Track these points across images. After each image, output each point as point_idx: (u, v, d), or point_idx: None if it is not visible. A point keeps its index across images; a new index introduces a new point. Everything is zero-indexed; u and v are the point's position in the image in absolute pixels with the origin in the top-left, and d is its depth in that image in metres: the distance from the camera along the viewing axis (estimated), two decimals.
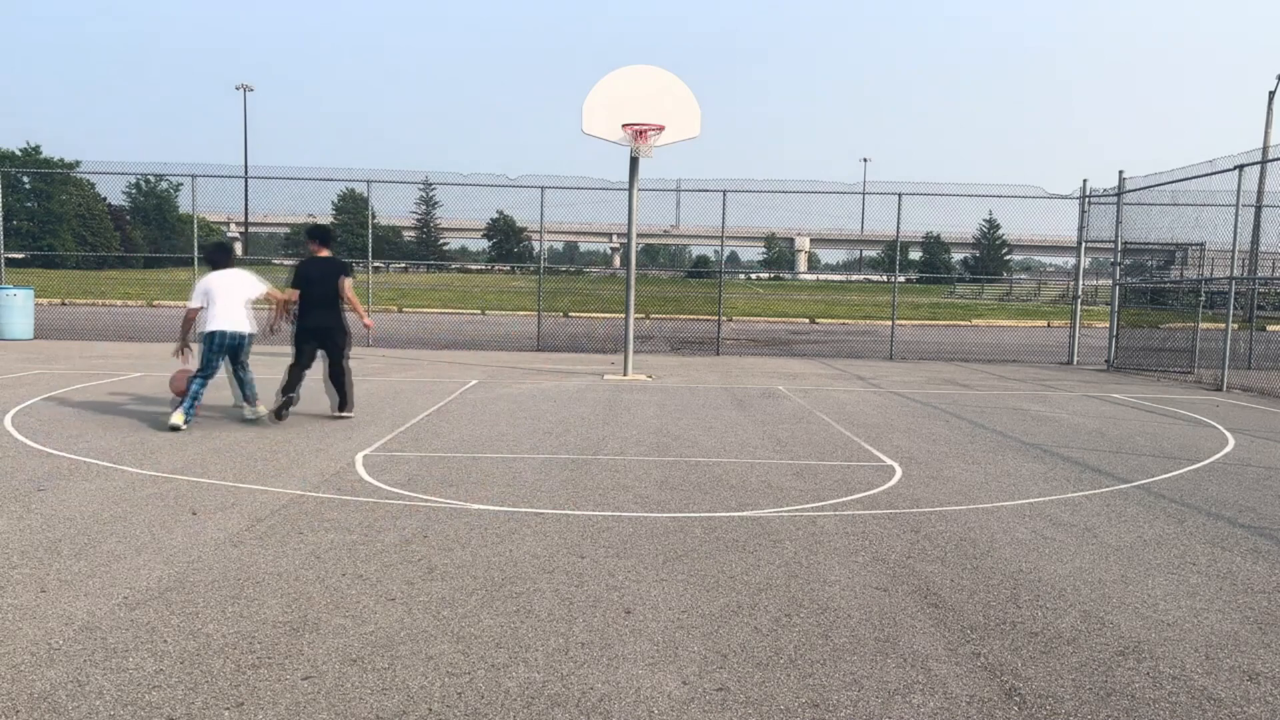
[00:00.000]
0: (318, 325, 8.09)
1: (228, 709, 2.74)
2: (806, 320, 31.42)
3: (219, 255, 7.96)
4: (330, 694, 2.85)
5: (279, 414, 7.97)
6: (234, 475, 5.77)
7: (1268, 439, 8.34)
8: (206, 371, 7.69)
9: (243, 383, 8.05)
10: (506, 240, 71.89)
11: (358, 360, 13.72)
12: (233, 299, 7.72)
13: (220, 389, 8.75)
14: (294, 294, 8.17)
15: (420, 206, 74.82)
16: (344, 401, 8.25)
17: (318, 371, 8.17)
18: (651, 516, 5.03)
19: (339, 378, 8.23)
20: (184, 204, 64.13)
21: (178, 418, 7.36)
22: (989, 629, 3.51)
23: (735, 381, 12.07)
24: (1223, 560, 4.49)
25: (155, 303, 30.80)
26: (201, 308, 7.70)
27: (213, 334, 7.66)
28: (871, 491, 5.76)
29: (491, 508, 5.12)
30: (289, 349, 8.19)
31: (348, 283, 8.16)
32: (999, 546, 4.62)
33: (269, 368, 9.22)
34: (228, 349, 7.78)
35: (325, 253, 8.34)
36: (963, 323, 32.00)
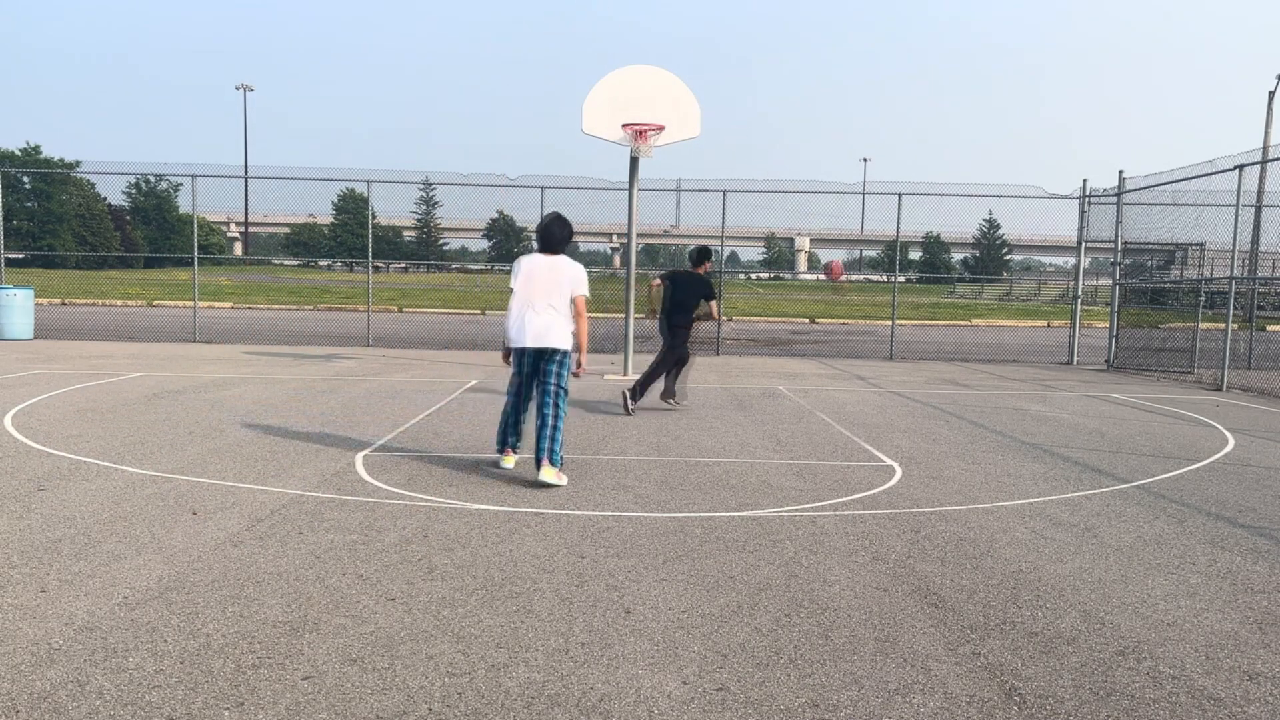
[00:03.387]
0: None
1: (228, 709, 2.74)
2: (806, 320, 31.42)
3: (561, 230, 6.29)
4: (330, 694, 2.85)
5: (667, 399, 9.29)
6: (234, 475, 5.77)
7: (1268, 439, 8.34)
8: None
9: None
10: (506, 240, 71.93)
11: (358, 360, 13.72)
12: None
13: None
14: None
15: (420, 206, 74.92)
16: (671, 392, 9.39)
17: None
18: (651, 516, 5.03)
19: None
20: (184, 204, 64.27)
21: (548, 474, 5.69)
22: (989, 629, 3.51)
23: (735, 381, 12.07)
24: (1223, 560, 4.49)
25: (155, 303, 30.80)
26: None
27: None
28: (871, 491, 5.76)
29: (491, 508, 5.12)
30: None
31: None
32: (999, 546, 4.62)
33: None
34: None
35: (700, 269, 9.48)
36: (963, 323, 32.00)
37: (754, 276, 72.15)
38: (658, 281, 9.54)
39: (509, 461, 6.21)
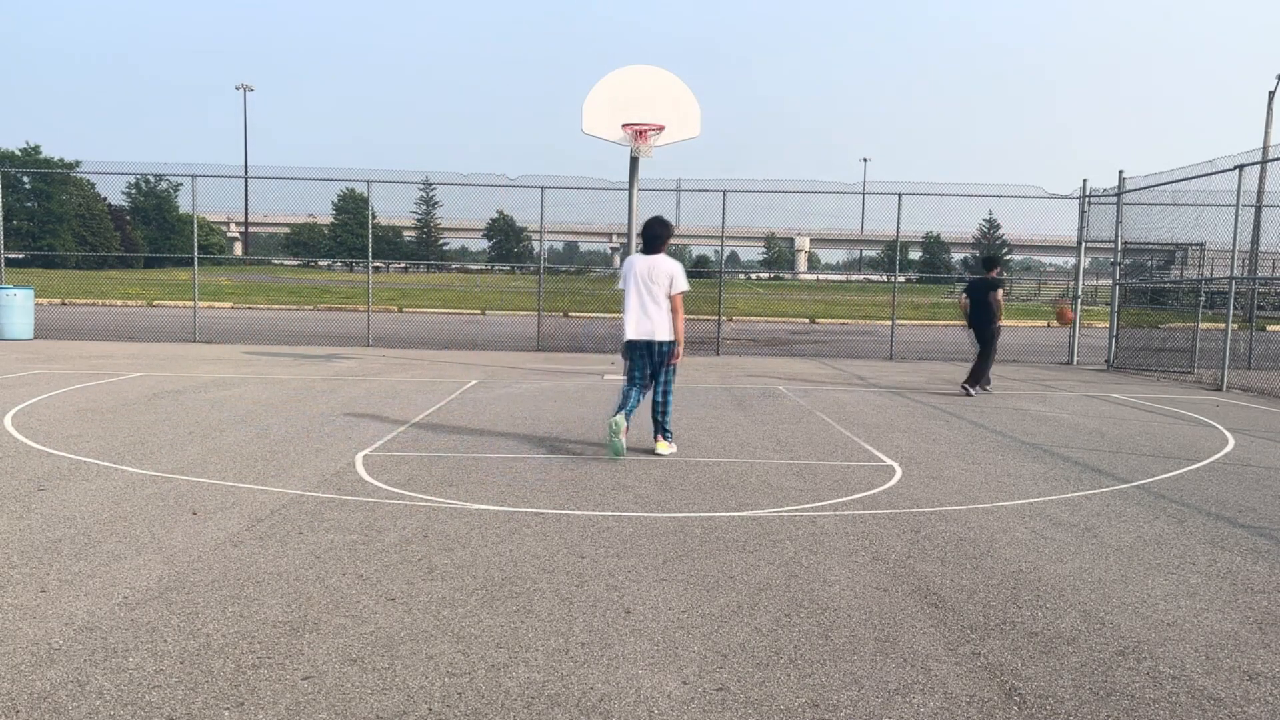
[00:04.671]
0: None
1: (228, 709, 2.74)
2: (806, 320, 31.43)
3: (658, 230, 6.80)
4: (330, 694, 2.85)
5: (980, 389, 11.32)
6: (234, 475, 5.77)
7: (1268, 439, 8.33)
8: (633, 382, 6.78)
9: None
10: (506, 240, 71.93)
11: (358, 360, 13.72)
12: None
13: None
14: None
15: (420, 206, 74.91)
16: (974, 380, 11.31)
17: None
18: (651, 516, 5.02)
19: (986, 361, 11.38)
20: (184, 204, 64.24)
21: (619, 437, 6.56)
22: (989, 629, 3.51)
23: (735, 381, 12.07)
24: (1223, 560, 4.49)
25: (155, 303, 30.81)
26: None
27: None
28: (871, 491, 5.76)
29: (491, 508, 5.12)
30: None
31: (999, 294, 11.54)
32: (999, 546, 4.62)
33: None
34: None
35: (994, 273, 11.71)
36: (963, 323, 31.96)
37: (754, 276, 72.11)
38: (964, 298, 11.77)
39: (621, 426, 6.57)
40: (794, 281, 71.37)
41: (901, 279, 26.68)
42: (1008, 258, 76.99)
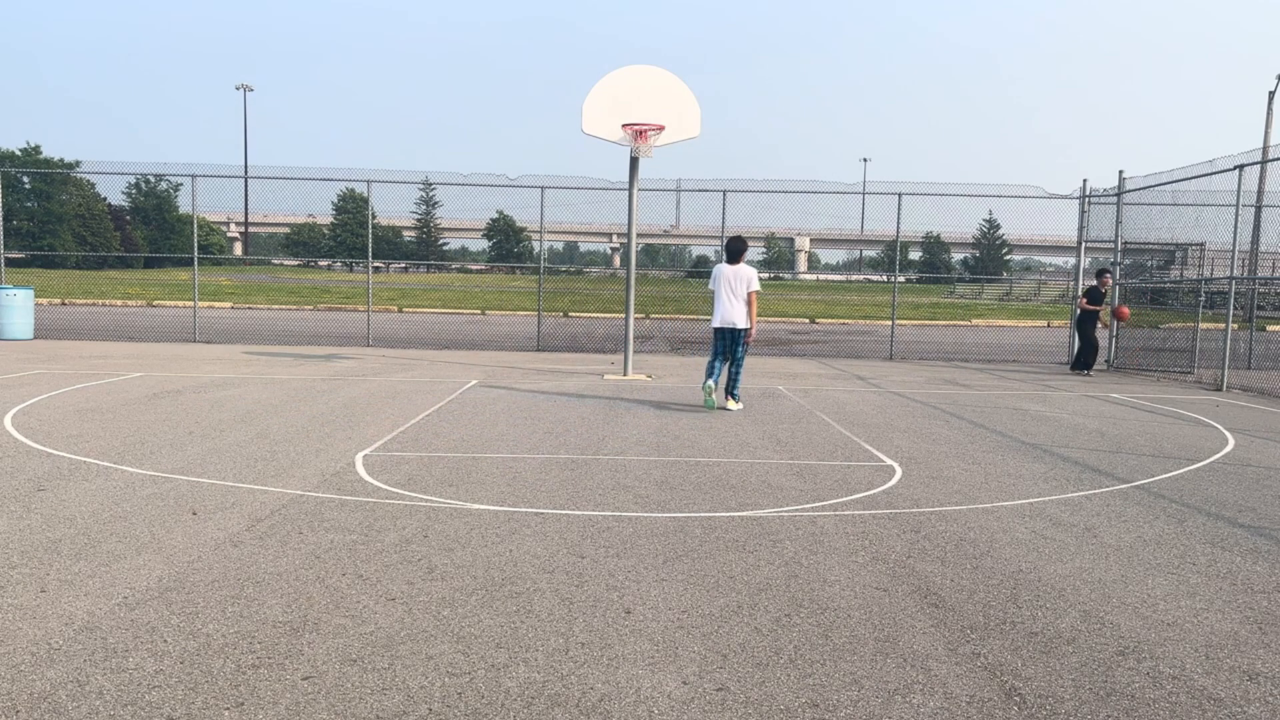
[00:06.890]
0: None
1: (228, 709, 2.74)
2: (806, 320, 31.43)
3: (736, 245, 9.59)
4: (330, 694, 2.85)
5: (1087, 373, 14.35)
6: (234, 475, 5.77)
7: (1268, 439, 8.33)
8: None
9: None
10: (506, 240, 71.94)
11: (358, 360, 13.73)
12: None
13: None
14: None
15: (420, 206, 74.94)
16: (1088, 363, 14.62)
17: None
18: (651, 516, 5.02)
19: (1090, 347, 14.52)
20: (184, 204, 64.23)
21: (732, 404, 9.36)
22: (989, 629, 3.51)
23: None
24: (1223, 560, 4.49)
25: (155, 302, 30.81)
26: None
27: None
28: (871, 491, 5.76)
29: (491, 508, 5.11)
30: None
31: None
32: (999, 546, 4.62)
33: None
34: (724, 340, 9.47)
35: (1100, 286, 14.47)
36: (962, 323, 32.00)
37: None
38: (1083, 300, 14.55)
39: (713, 389, 9.17)
40: (794, 281, 71.36)
41: (901, 279, 26.69)
42: (1007, 258, 76.99)
